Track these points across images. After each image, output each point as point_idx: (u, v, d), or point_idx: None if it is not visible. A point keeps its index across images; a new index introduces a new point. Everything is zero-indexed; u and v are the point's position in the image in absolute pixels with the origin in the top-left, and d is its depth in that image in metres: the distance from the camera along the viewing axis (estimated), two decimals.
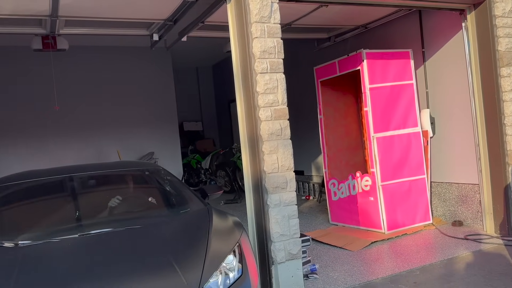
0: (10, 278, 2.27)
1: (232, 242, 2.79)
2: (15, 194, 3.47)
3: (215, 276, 2.50)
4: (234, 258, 2.67)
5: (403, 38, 6.28)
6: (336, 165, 6.44)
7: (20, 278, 2.29)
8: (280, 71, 3.83)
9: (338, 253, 4.99)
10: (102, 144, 9.25)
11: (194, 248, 2.67)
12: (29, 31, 5.74)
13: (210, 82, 13.15)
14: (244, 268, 2.66)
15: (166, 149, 10.01)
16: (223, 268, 2.58)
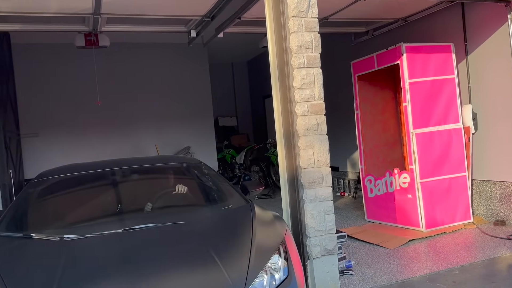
0: (55, 272, 2.29)
1: (277, 241, 2.70)
2: (59, 188, 3.53)
3: (260, 276, 2.42)
4: (280, 258, 2.58)
5: (445, 31, 6.08)
6: (373, 161, 6.34)
7: (66, 273, 2.30)
8: (317, 66, 3.80)
9: (374, 250, 4.93)
10: (140, 139, 9.49)
11: (239, 246, 2.61)
12: (73, 29, 5.96)
13: (245, 78, 13.22)
14: (290, 269, 2.56)
15: (202, 143, 10.16)
16: (268, 268, 2.49)
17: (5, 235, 2.84)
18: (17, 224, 3.09)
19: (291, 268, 2.58)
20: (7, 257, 2.55)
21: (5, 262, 2.45)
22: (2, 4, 4.67)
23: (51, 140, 8.84)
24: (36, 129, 8.71)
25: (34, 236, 2.78)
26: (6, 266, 2.39)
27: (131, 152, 9.25)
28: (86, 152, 8.89)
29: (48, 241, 2.71)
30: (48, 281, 2.23)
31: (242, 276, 2.36)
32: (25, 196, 3.35)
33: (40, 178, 3.54)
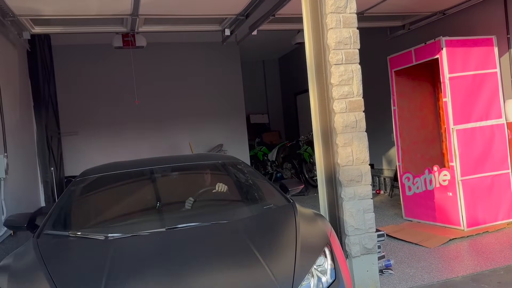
0: (102, 271, 2.31)
1: (322, 242, 2.62)
2: (102, 186, 3.58)
3: (307, 279, 2.34)
4: (326, 260, 2.49)
5: (485, 24, 5.87)
6: (411, 158, 6.20)
7: (112, 272, 2.31)
8: (355, 62, 3.75)
9: (414, 249, 4.83)
10: (175, 136, 9.65)
11: (283, 248, 2.54)
12: (111, 30, 6.12)
13: (276, 75, 13.20)
14: (337, 271, 2.47)
15: (234, 141, 10.22)
16: (315, 271, 2.41)
17: (52, 233, 2.91)
18: (63, 222, 3.16)
19: (338, 270, 2.49)
20: (55, 255, 2.60)
21: (53, 260, 2.50)
22: (46, 8, 4.85)
23: (90, 139, 9.12)
24: (75, 127, 9.00)
25: (79, 235, 2.83)
26: (54, 264, 2.44)
27: (166, 150, 9.41)
28: (123, 150, 9.12)
29: (94, 239, 2.74)
30: (96, 279, 2.26)
31: (289, 279, 2.29)
32: (69, 194, 3.42)
33: (83, 177, 3.60)
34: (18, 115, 6.17)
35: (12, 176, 5.39)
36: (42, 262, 2.47)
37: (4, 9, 4.75)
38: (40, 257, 2.53)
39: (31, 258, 2.56)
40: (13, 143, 5.60)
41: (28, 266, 2.51)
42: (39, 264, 2.45)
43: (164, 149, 9.36)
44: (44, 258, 2.52)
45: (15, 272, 2.46)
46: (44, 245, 2.72)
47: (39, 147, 7.17)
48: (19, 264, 2.57)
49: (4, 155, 4.96)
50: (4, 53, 5.69)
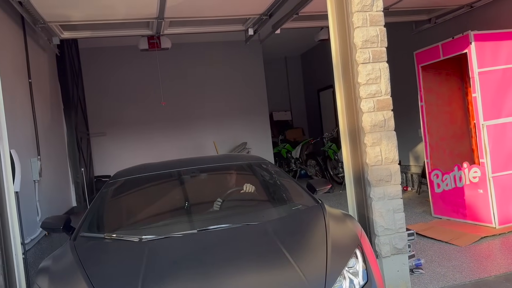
0: (139, 272, 2.36)
1: (353, 243, 2.60)
2: (134, 188, 3.64)
3: (339, 281, 2.32)
4: (357, 261, 2.47)
5: None
6: (439, 155, 6.10)
7: (148, 273, 2.35)
8: (383, 60, 3.71)
9: (444, 248, 4.76)
10: (199, 136, 9.75)
11: (314, 249, 2.53)
12: (138, 33, 6.23)
13: (298, 71, 13.14)
14: (369, 273, 2.45)
15: (258, 139, 10.25)
16: (346, 272, 2.39)
17: (87, 236, 2.99)
18: (98, 225, 3.25)
19: (370, 271, 2.47)
20: (92, 257, 2.68)
21: (90, 262, 2.57)
22: (75, 14, 4.97)
23: (118, 139, 9.31)
24: (103, 128, 9.21)
25: (114, 237, 2.90)
26: (92, 266, 2.52)
27: (192, 149, 9.53)
28: (149, 150, 9.29)
29: (128, 241, 2.81)
30: (133, 281, 2.31)
31: (321, 281, 2.28)
32: (102, 196, 3.50)
33: (116, 179, 3.68)
34: (49, 119, 6.36)
35: (45, 178, 5.57)
36: (80, 264, 2.55)
37: (35, 17, 4.89)
38: (78, 259, 2.61)
39: (69, 260, 2.64)
40: (45, 146, 5.78)
41: (67, 268, 2.60)
42: (77, 266, 2.53)
43: (189, 148, 9.48)
44: (81, 260, 2.59)
45: (55, 274, 2.55)
46: (81, 247, 2.81)
47: (70, 148, 7.37)
48: (58, 266, 2.66)
49: (37, 158, 5.13)
50: (36, 58, 5.87)
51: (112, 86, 9.18)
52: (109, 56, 9.05)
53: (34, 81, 5.49)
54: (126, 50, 8.77)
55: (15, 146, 4.27)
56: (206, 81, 9.70)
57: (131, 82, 9.25)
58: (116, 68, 9.16)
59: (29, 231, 4.67)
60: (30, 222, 4.67)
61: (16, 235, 3.21)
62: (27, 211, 4.76)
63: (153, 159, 4.43)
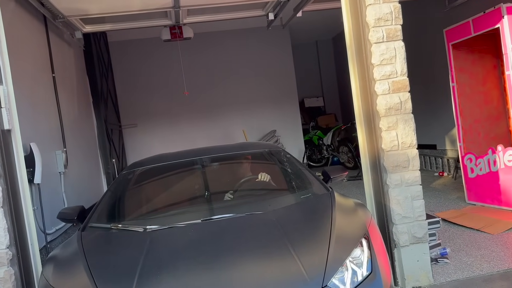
0: (137, 263, 2.37)
1: (359, 233, 2.51)
2: (145, 179, 3.67)
3: (340, 272, 2.25)
4: (362, 252, 2.38)
5: None
6: (473, 138, 5.74)
7: (146, 263, 2.37)
8: (398, 39, 3.49)
9: (474, 236, 4.49)
10: (228, 124, 9.77)
11: (317, 239, 2.48)
12: (158, 23, 6.25)
13: (330, 55, 12.79)
14: (374, 264, 2.36)
15: (288, 126, 10.14)
16: (349, 263, 2.31)
17: (95, 226, 3.04)
18: (107, 215, 3.29)
19: (375, 263, 2.37)
20: (95, 248, 2.73)
21: (93, 253, 2.62)
22: (91, 7, 5.04)
23: (148, 130, 9.50)
24: (134, 120, 9.41)
25: (120, 227, 2.94)
26: (94, 257, 2.56)
27: (221, 138, 9.56)
28: (179, 139, 9.41)
29: (133, 232, 2.83)
30: (131, 270, 2.33)
31: (320, 272, 2.22)
32: (114, 187, 3.56)
33: (130, 169, 3.73)
34: (77, 111, 6.54)
35: (73, 170, 5.75)
36: (83, 254, 2.59)
37: (54, 12, 5.00)
38: (82, 249, 2.66)
39: (74, 250, 2.70)
40: (72, 138, 5.95)
41: (70, 259, 2.65)
42: (80, 256, 2.57)
43: (218, 137, 9.52)
44: (85, 250, 2.64)
45: (59, 264, 2.62)
46: (87, 238, 2.86)
47: (100, 140, 7.58)
48: (63, 256, 2.73)
49: (63, 151, 5.29)
50: (59, 53, 6.02)
51: (141, 77, 9.34)
52: (136, 48, 9.20)
53: (58, 76, 5.64)
54: (152, 42, 8.87)
55: (37, 139, 4.41)
56: (232, 69, 9.66)
57: (158, 73, 9.38)
58: (143, 60, 9.30)
59: (55, 222, 4.83)
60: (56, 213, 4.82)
61: (31, 225, 3.31)
62: (53, 202, 4.93)
63: (183, 148, 4.44)
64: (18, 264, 3.14)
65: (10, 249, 3.07)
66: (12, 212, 3.16)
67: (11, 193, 3.18)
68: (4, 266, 3.03)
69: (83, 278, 2.36)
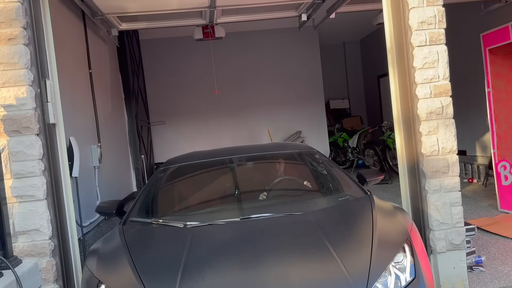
0: (181, 258, 2.40)
1: (402, 237, 2.48)
2: (183, 175, 3.72)
3: (384, 276, 2.23)
4: (405, 257, 2.36)
5: None
6: (508, 145, 5.62)
7: (190, 258, 2.39)
8: (441, 43, 3.45)
9: (509, 244, 4.40)
10: (254, 124, 9.80)
11: (359, 242, 2.45)
12: (192, 23, 6.31)
13: (357, 57, 12.71)
14: (417, 269, 2.33)
15: (313, 128, 10.11)
16: (392, 267, 2.29)
17: (136, 220, 3.08)
18: (147, 210, 3.34)
19: (419, 268, 2.34)
20: (138, 242, 2.77)
21: (136, 247, 2.65)
22: (131, 5, 5.13)
23: (176, 128, 9.61)
24: (163, 117, 9.54)
25: (161, 222, 2.97)
26: (137, 251, 2.59)
27: (247, 137, 9.60)
28: (206, 138, 9.49)
29: (174, 227, 2.86)
30: (175, 265, 2.35)
31: (364, 275, 2.20)
32: (153, 183, 3.61)
33: (166, 166, 3.78)
34: (110, 108, 6.67)
35: (106, 165, 5.86)
36: (126, 248, 2.63)
37: (93, 9, 5.12)
38: (125, 243, 2.70)
39: (117, 244, 2.75)
40: (106, 133, 6.07)
41: (114, 252, 2.70)
42: (123, 250, 2.62)
43: (244, 137, 9.56)
44: (128, 244, 2.68)
45: (103, 257, 2.66)
46: (129, 231, 2.90)
47: (130, 136, 7.71)
48: (106, 249, 2.77)
49: (97, 145, 5.40)
50: (96, 49, 6.16)
51: (170, 76, 9.45)
52: (167, 47, 9.31)
53: (94, 72, 5.76)
54: (183, 41, 8.97)
55: (75, 133, 4.52)
56: (260, 69, 9.68)
57: (188, 72, 9.47)
58: (173, 58, 9.40)
59: (89, 215, 4.95)
60: (90, 206, 4.94)
61: (72, 218, 3.39)
62: (88, 196, 5.04)
63: (209, 147, 4.50)
64: (59, 255, 3.22)
65: (52, 240, 3.16)
66: (55, 204, 3.25)
67: (54, 186, 3.27)
68: (46, 256, 3.11)
69: (127, 272, 2.40)
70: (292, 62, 9.83)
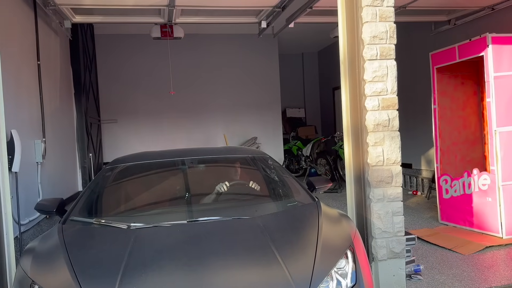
0: (122, 260, 2.33)
1: (345, 244, 2.54)
2: (129, 175, 3.60)
3: (326, 282, 2.27)
4: (347, 263, 2.42)
5: None
6: (450, 160, 5.93)
7: (131, 261, 2.32)
8: (391, 58, 3.59)
9: (447, 255, 4.62)
10: (210, 128, 9.73)
11: (303, 248, 2.48)
12: (149, 20, 6.20)
13: (315, 68, 12.98)
14: (359, 275, 2.39)
15: (269, 134, 10.19)
16: (334, 273, 2.33)
17: (77, 220, 2.94)
18: (89, 210, 3.20)
19: (360, 274, 2.40)
20: (77, 242, 2.64)
21: (75, 247, 2.54)
22: None
23: (129, 127, 9.36)
24: (115, 115, 9.26)
25: (103, 223, 2.85)
26: (76, 251, 2.48)
27: (202, 140, 9.51)
28: (159, 139, 9.31)
29: (117, 228, 2.75)
30: (115, 268, 2.27)
31: (306, 280, 2.23)
32: (98, 182, 3.47)
33: (114, 165, 3.64)
34: (58, 102, 6.39)
35: (50, 161, 5.60)
36: (64, 248, 2.51)
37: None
38: (63, 243, 2.57)
39: (55, 243, 2.61)
40: (51, 128, 5.80)
41: (50, 251, 2.56)
42: (61, 250, 2.50)
43: (199, 140, 9.47)
44: (66, 244, 2.55)
45: (38, 256, 2.52)
46: (68, 231, 2.77)
47: (79, 133, 7.42)
48: (43, 248, 2.63)
49: (42, 140, 5.16)
50: (46, 41, 5.89)
51: (125, 73, 9.22)
52: (123, 44, 9.08)
53: (43, 64, 5.51)
54: (140, 38, 8.79)
55: (18, 126, 4.29)
56: (218, 73, 9.66)
57: (143, 70, 9.28)
58: (129, 55, 9.18)
59: (29, 213, 4.70)
60: (31, 204, 4.69)
61: (8, 214, 3.22)
62: (28, 193, 4.79)
63: (162, 149, 4.39)
64: None
65: None
66: None
67: None
68: None
69: (64, 272, 2.29)
70: (251, 68, 9.88)
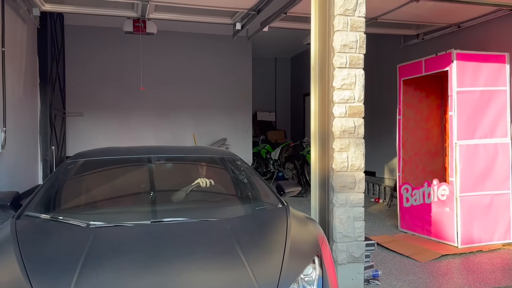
0: (78, 260, 2.22)
1: (312, 250, 2.52)
2: (91, 170, 3.45)
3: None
4: (314, 269, 2.40)
5: (499, 41, 5.76)
6: (412, 170, 6.12)
7: (88, 262, 2.21)
8: (359, 67, 3.69)
9: (404, 262, 4.76)
10: (179, 127, 9.64)
11: (271, 253, 2.44)
12: (122, 14, 6.09)
13: (287, 74, 13.12)
14: (325, 282, 2.38)
15: (238, 136, 10.20)
16: (301, 280, 2.31)
17: (32, 215, 2.79)
18: (46, 205, 3.04)
19: (326, 281, 2.39)
20: (31, 238, 2.51)
21: (28, 243, 2.41)
22: None
23: (95, 121, 9.14)
24: (81, 108, 9.03)
25: (61, 219, 2.73)
26: (28, 248, 2.35)
27: (171, 139, 9.41)
28: (126, 135, 9.14)
29: (74, 226, 2.62)
30: (71, 267, 2.17)
31: (273, 285, 2.20)
32: (57, 176, 3.32)
33: (75, 159, 3.49)
34: (21, 91, 6.17)
35: (10, 152, 5.40)
36: (16, 244, 2.37)
37: None
38: (16, 239, 2.43)
39: (6, 239, 2.47)
40: (13, 118, 5.60)
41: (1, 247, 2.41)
42: (12, 246, 2.36)
43: (168, 138, 9.37)
44: (19, 240, 2.42)
45: None
46: (22, 226, 2.62)
47: (42, 125, 7.19)
48: None
49: (2, 130, 4.97)
50: (13, 27, 5.69)
51: (94, 66, 9.02)
52: (94, 36, 8.88)
53: (8, 51, 5.31)
54: (112, 31, 8.62)
55: None
56: (190, 72, 9.60)
57: (113, 64, 9.10)
58: (99, 48, 8.99)
59: None
60: None
61: None
62: None
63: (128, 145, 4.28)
64: None
65: None
66: None
67: None
68: None
69: (14, 270, 2.16)
70: (223, 69, 9.87)
